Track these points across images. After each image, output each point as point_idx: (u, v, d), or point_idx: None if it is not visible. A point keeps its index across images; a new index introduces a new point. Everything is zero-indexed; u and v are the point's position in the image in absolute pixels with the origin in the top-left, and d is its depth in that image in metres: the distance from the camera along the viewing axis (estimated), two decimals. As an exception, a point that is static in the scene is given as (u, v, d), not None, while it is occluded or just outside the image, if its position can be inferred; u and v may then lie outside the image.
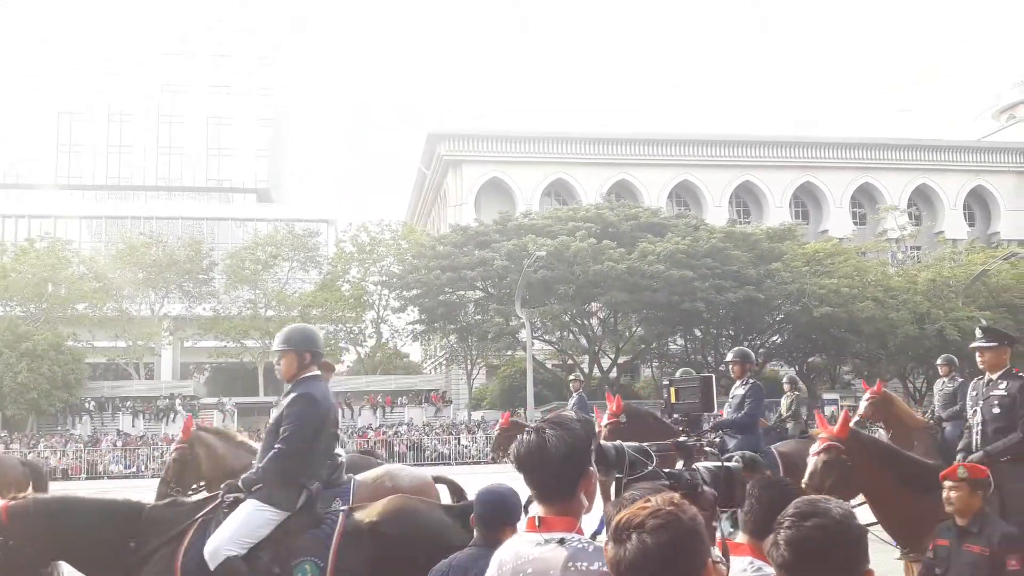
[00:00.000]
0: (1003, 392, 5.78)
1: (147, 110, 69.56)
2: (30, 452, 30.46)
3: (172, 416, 41.77)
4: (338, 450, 12.27)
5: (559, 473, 2.44)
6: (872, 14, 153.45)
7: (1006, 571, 4.51)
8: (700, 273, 38.20)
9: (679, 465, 3.03)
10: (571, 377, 15.49)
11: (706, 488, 2.84)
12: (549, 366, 45.08)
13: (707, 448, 2.74)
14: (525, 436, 2.53)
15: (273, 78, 73.40)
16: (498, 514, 3.28)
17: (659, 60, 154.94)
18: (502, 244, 40.04)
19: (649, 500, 1.78)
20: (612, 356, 43.73)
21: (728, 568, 2.25)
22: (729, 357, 9.04)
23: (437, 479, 7.25)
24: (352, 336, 49.86)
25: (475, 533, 3.49)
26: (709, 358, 45.85)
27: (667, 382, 3.62)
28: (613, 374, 43.92)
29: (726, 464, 2.95)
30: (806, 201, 61.65)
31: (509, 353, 44.71)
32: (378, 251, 48.70)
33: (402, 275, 44.26)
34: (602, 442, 2.86)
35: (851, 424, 5.47)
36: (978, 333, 5.93)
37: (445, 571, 3.30)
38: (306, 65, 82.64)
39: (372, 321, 49.88)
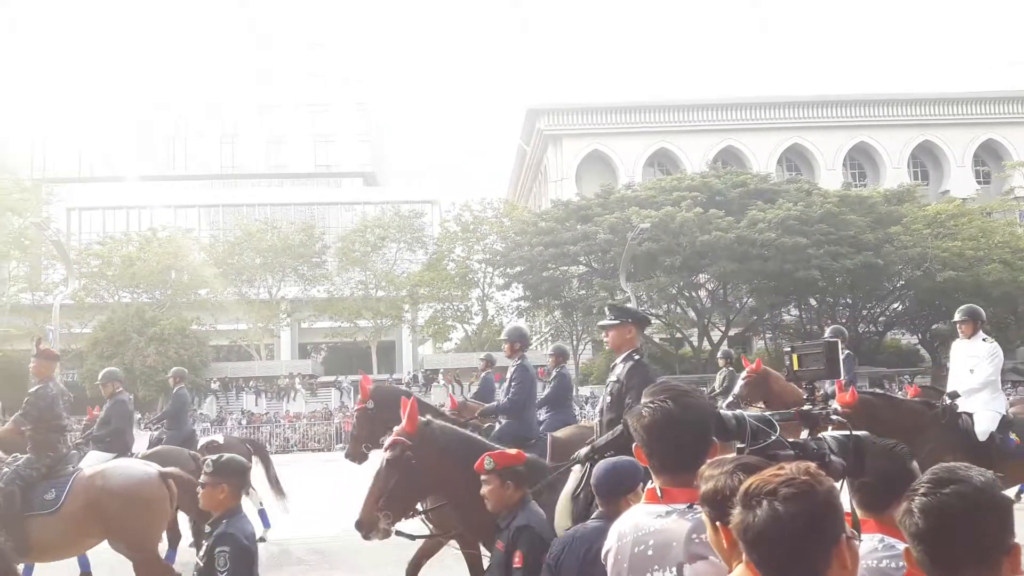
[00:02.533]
0: (614, 378, 5.10)
1: (250, 100, 71.93)
2: (158, 431, 32.20)
3: (292, 395, 43.42)
4: (215, 437, 12.68)
5: (687, 444, 2.42)
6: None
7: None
8: (814, 240, 36.94)
9: (803, 435, 2.90)
10: (719, 354, 13.45)
11: (834, 458, 2.72)
12: (656, 340, 44.56)
13: (834, 416, 2.60)
14: (658, 404, 2.48)
15: (370, 63, 74.72)
16: (617, 485, 3.27)
17: (763, 19, 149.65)
18: (604, 217, 39.70)
19: (783, 467, 1.71)
20: (722, 328, 42.88)
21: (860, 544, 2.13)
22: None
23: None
24: (459, 314, 50.57)
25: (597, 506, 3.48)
26: (826, 327, 44.41)
27: (789, 348, 3.48)
28: (723, 347, 43.05)
29: (855, 433, 2.81)
30: (925, 161, 58.67)
31: (615, 328, 44.47)
32: (481, 229, 49.14)
33: (505, 252, 44.51)
34: (722, 411, 2.77)
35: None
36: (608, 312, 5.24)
37: (568, 543, 3.30)
38: (403, 47, 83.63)
39: (478, 299, 50.43)
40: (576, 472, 4.80)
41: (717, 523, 1.99)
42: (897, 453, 2.93)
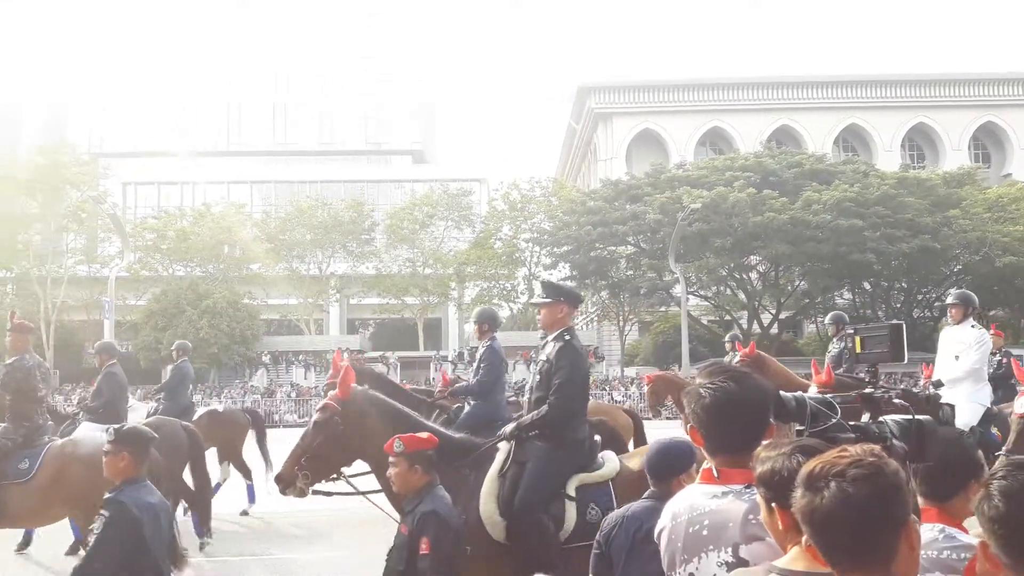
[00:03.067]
0: (544, 357, 4.97)
1: (304, 76, 72.61)
2: (212, 402, 32.93)
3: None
4: (216, 407, 12.72)
5: (746, 425, 2.40)
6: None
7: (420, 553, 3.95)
8: (870, 222, 36.22)
9: (865, 418, 2.83)
10: (727, 338, 13.08)
11: (896, 442, 2.65)
12: (705, 322, 44.17)
13: (896, 400, 2.53)
14: (710, 388, 2.45)
15: (422, 41, 74.81)
16: (670, 465, 3.28)
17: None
18: (654, 197, 39.36)
19: (847, 449, 1.67)
20: (773, 311, 42.32)
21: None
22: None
23: None
24: (505, 293, 50.67)
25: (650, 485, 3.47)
26: (880, 312, 43.59)
27: (852, 330, 3.40)
28: (774, 330, 42.54)
29: (918, 417, 2.73)
30: (987, 143, 56.99)
31: (662, 309, 44.14)
32: (529, 208, 49.05)
33: (553, 232, 44.40)
34: (781, 393, 2.71)
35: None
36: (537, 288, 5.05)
37: (619, 522, 3.31)
38: (455, 25, 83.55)
39: (524, 278, 50.45)
40: (503, 450, 4.70)
41: (773, 504, 1.97)
42: (963, 441, 2.85)
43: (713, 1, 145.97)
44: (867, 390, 2.91)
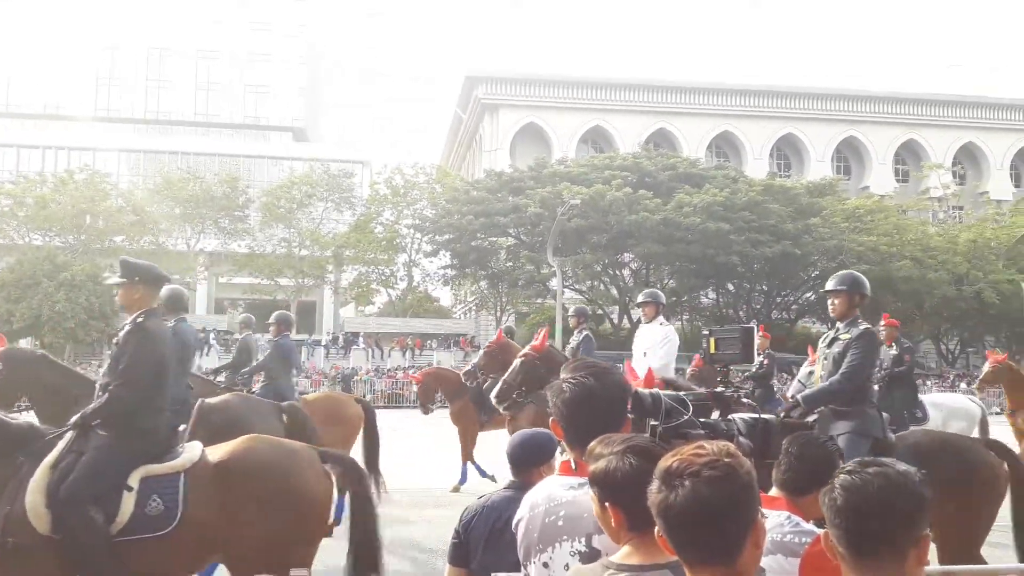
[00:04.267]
0: (119, 340, 4.92)
1: (186, 46, 69.55)
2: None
3: (207, 350, 42.51)
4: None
5: (607, 417, 2.45)
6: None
7: None
8: (737, 226, 37.74)
9: (715, 415, 3.01)
10: (571, 312, 11.80)
11: (742, 440, 2.82)
12: (579, 315, 45.03)
13: (744, 399, 2.70)
14: (575, 379, 2.52)
15: (310, 16, 72.90)
16: (531, 456, 3.27)
17: (701, 6, 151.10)
18: (536, 191, 39.78)
19: (704, 447, 1.73)
20: (642, 307, 43.55)
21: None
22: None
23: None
24: (384, 278, 50.15)
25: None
26: (741, 312, 45.56)
27: (707, 332, 3.58)
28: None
29: (763, 416, 2.91)
30: (848, 156, 60.42)
31: (539, 301, 44.74)
32: (412, 194, 48.64)
33: (435, 219, 44.26)
34: (638, 389, 2.84)
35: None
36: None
37: (478, 511, 3.26)
38: (343, 3, 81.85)
39: (404, 264, 50.07)
40: (65, 439, 4.52)
41: (606, 503, 2.02)
42: (827, 444, 3.01)
43: (600, 3, 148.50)
44: (718, 389, 3.13)
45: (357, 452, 8.53)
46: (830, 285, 5.34)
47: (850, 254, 38.63)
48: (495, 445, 9.68)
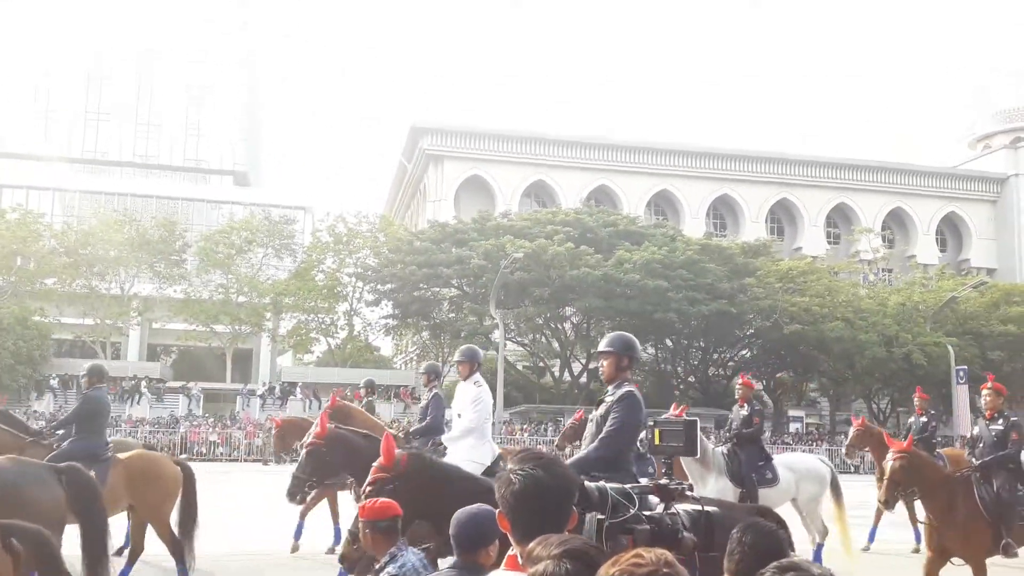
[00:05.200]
0: None
1: (126, 85, 68.73)
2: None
3: (137, 397, 41.31)
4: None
5: (553, 513, 2.44)
6: (858, 39, 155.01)
7: None
8: (675, 284, 38.43)
9: (659, 508, 3.07)
10: (422, 369, 10.97)
11: (686, 534, 2.88)
12: (520, 368, 45.12)
13: (687, 492, 2.73)
14: (522, 472, 2.49)
15: (255, 60, 72.85)
16: (476, 536, 3.17)
17: (643, 69, 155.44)
18: (480, 243, 40.03)
19: (642, 555, 1.78)
20: (583, 361, 43.86)
21: None
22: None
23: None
24: (324, 327, 49.53)
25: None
26: (678, 368, 46.15)
27: (652, 423, 3.64)
28: (583, 379, 44.07)
29: (706, 509, 2.99)
30: (782, 217, 62.19)
31: (481, 353, 44.72)
32: (355, 242, 48.36)
33: (378, 268, 44.11)
34: (586, 483, 2.90)
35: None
36: None
37: None
38: (290, 50, 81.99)
39: (345, 313, 49.57)
40: None
41: None
42: (777, 533, 3.06)
43: (547, 61, 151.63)
44: (662, 481, 3.19)
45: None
46: (600, 347, 5.21)
47: (784, 314, 39.59)
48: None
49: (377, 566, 4.03)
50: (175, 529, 8.45)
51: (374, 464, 4.50)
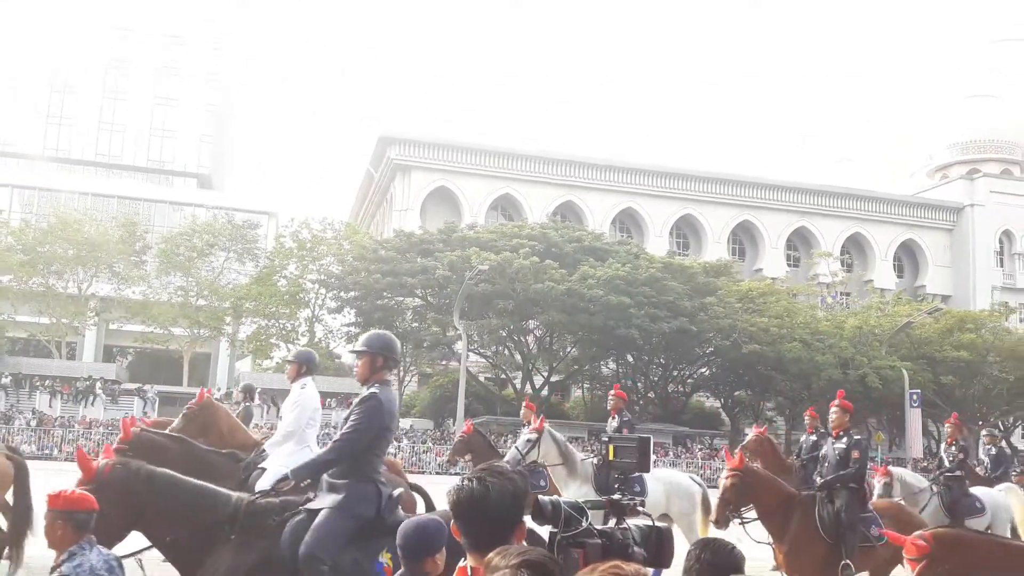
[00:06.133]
0: None
1: (92, 84, 67.81)
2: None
3: (91, 399, 40.59)
4: None
5: (497, 523, 2.48)
6: (820, 62, 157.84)
7: None
8: (637, 301, 38.73)
9: (611, 523, 3.14)
10: (291, 356, 8.66)
11: (636, 549, 2.95)
12: (482, 379, 45.13)
13: (640, 508, 2.79)
14: (466, 483, 2.55)
15: (223, 63, 72.28)
16: (421, 545, 3.22)
17: (610, 89, 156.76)
18: (445, 254, 40.05)
19: (622, 568, 1.85)
20: (545, 374, 44.01)
21: None
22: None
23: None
24: (284, 333, 49.12)
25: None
26: (639, 383, 46.46)
27: (607, 439, 3.72)
28: (544, 392, 44.18)
29: (656, 524, 3.06)
30: (743, 239, 63.03)
31: (443, 363, 44.67)
32: (319, 249, 48.11)
33: (341, 276, 43.89)
34: (539, 497, 2.96)
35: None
36: None
37: None
38: (258, 53, 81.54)
39: (306, 319, 49.22)
40: None
41: None
42: (732, 549, 3.15)
43: (516, 74, 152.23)
44: (615, 496, 3.28)
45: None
46: (356, 345, 5.01)
47: (743, 333, 40.07)
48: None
49: (53, 563, 3.90)
50: (4, 527, 7.83)
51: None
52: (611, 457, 3.51)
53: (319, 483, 4.80)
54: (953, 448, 11.36)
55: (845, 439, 8.09)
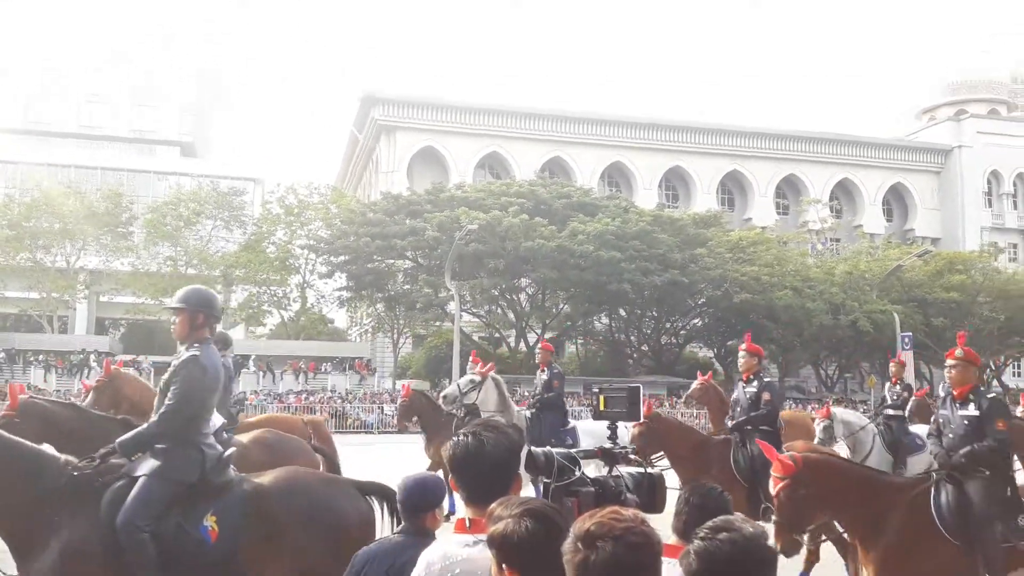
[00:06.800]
0: None
1: (69, 55, 66.71)
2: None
3: (87, 372, 40.57)
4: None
5: (494, 476, 2.53)
6: (810, 11, 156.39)
7: None
8: (628, 255, 38.74)
9: (603, 471, 3.17)
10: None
11: (629, 495, 2.98)
12: (476, 339, 45.27)
13: (631, 456, 2.83)
14: (462, 437, 2.59)
15: (203, 30, 71.14)
16: (421, 501, 3.28)
17: (599, 41, 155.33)
18: (434, 215, 39.90)
19: (620, 513, 1.89)
20: (538, 331, 44.17)
21: None
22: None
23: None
24: (276, 299, 49.08)
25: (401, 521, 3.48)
26: (632, 337, 46.70)
27: (597, 389, 3.74)
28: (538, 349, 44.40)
29: (649, 472, 3.09)
30: (733, 189, 62.91)
31: (436, 324, 44.75)
32: (306, 214, 47.89)
33: (330, 240, 43.73)
34: (532, 448, 2.98)
35: None
36: None
37: (370, 558, 3.23)
38: (239, 18, 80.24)
39: (297, 285, 49.15)
40: None
41: (503, 565, 2.08)
42: (722, 495, 3.19)
43: (500, 31, 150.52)
44: (608, 445, 3.30)
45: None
46: (172, 302, 4.79)
47: (734, 283, 40.18)
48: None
49: None
50: None
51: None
52: (602, 407, 3.53)
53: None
54: (898, 387, 11.47)
55: (756, 382, 8.09)
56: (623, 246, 38.89)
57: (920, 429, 11.17)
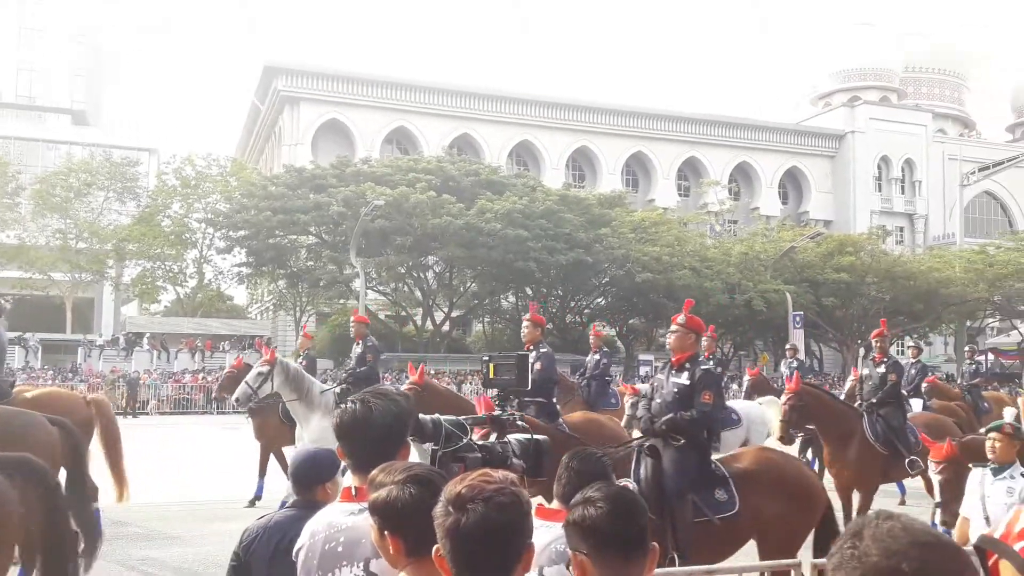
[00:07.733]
0: None
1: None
2: None
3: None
4: None
5: (381, 443, 2.50)
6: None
7: None
8: (534, 234, 38.99)
9: (492, 437, 3.19)
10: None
11: (515, 460, 3.02)
12: (382, 317, 44.88)
13: (519, 422, 2.87)
14: (350, 404, 2.56)
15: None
16: (312, 474, 3.23)
17: (507, 19, 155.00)
18: (339, 190, 39.23)
19: (490, 475, 1.88)
20: (445, 310, 44.08)
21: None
22: None
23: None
24: (171, 275, 47.49)
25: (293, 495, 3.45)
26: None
27: (487, 358, 3.75)
28: (446, 327, 44.31)
29: (535, 437, 3.13)
30: (637, 170, 63.97)
31: (341, 302, 44.14)
32: (204, 187, 46.40)
33: (229, 214, 42.48)
34: (420, 415, 2.97)
35: None
36: None
37: (260, 533, 3.14)
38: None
39: (194, 260, 47.67)
40: None
41: (384, 531, 2.07)
42: (602, 459, 3.26)
43: (406, 3, 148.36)
44: (496, 412, 3.33)
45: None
46: None
47: (636, 263, 40.96)
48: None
49: None
50: None
51: None
52: (491, 375, 3.56)
53: None
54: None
55: (534, 352, 8.13)
56: (530, 225, 39.12)
57: (737, 404, 11.61)
